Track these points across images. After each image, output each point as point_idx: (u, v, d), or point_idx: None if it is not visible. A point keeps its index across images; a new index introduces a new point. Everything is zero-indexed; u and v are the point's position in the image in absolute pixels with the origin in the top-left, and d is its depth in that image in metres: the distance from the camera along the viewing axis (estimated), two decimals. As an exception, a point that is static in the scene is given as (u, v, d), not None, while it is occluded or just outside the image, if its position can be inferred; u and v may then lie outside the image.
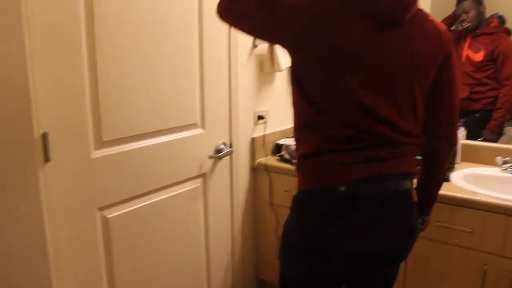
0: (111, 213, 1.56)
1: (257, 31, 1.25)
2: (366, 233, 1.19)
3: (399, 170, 1.21)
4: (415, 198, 1.29)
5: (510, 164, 2.01)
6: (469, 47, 2.39)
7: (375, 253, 1.26)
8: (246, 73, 2.09)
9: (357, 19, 1.11)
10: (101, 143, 1.49)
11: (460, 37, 2.44)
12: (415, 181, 1.34)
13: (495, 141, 2.32)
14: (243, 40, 2.04)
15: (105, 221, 1.54)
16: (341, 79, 1.13)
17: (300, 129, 1.25)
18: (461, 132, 2.24)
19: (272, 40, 1.35)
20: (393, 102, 1.17)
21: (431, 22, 1.22)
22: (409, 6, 1.14)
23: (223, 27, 1.89)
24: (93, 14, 1.39)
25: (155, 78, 1.64)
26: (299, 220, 1.25)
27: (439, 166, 1.38)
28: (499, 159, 2.05)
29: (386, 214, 1.20)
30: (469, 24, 2.39)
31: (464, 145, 2.23)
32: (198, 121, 1.87)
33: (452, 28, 2.48)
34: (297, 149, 1.29)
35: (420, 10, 1.21)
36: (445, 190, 1.77)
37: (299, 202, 1.26)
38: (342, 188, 1.16)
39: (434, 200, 1.45)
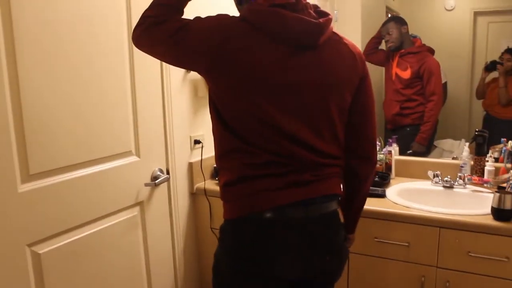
0: (43, 249, 1.47)
1: (170, 61, 1.25)
2: (294, 259, 1.18)
3: (324, 193, 1.20)
4: (342, 219, 1.30)
5: (440, 178, 2.09)
6: (397, 65, 2.52)
7: (305, 278, 1.24)
8: (180, 97, 2.06)
9: (270, 43, 1.12)
10: (28, 176, 1.41)
11: (389, 56, 2.57)
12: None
13: (425, 154, 2.44)
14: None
15: (36, 257, 1.45)
16: (256, 105, 1.13)
17: (221, 156, 1.23)
18: (394, 148, 2.31)
19: (186, 68, 1.34)
20: (312, 125, 1.18)
21: (346, 45, 1.24)
22: (322, 29, 1.16)
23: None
24: (14, 41, 1.33)
25: (85, 106, 1.58)
26: (227, 250, 1.23)
27: (361, 185, 1.38)
28: (430, 173, 2.12)
29: (313, 238, 1.19)
30: (392, 44, 2.54)
31: (398, 161, 2.30)
32: (133, 148, 1.81)
33: (380, 47, 2.62)
34: (219, 177, 1.27)
35: (335, 34, 1.23)
36: (381, 206, 1.82)
37: (225, 232, 1.24)
38: (267, 215, 1.15)
39: (357, 218, 1.45)
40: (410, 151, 2.43)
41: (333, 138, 1.23)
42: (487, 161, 2.10)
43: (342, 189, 1.32)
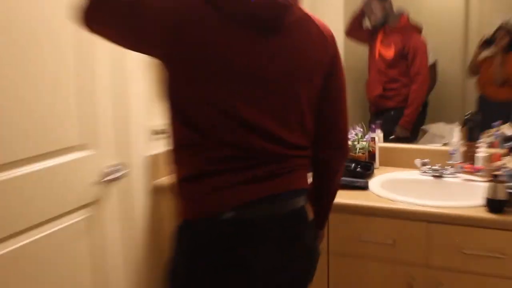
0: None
1: (123, 43, 1.15)
2: (262, 262, 1.10)
3: (290, 187, 1.14)
4: (311, 215, 1.23)
5: (429, 166, 1.98)
6: (381, 43, 2.42)
7: (275, 280, 1.16)
8: (137, 82, 1.88)
9: (231, 26, 1.05)
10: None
11: (373, 33, 2.43)
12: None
13: (411, 139, 2.35)
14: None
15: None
16: (215, 93, 1.06)
17: (176, 151, 1.14)
18: (378, 135, 2.21)
19: (141, 52, 1.21)
20: (278, 114, 1.11)
21: (317, 26, 1.17)
22: (286, 8, 1.08)
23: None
24: None
25: (27, 92, 1.42)
26: (185, 253, 1.12)
27: (332, 177, 1.33)
28: (418, 161, 2.03)
29: (281, 237, 1.12)
30: (375, 22, 2.42)
31: (382, 149, 2.20)
32: (79, 142, 1.62)
33: (364, 26, 2.48)
34: (174, 172, 1.16)
35: (305, 14, 1.16)
36: (363, 199, 1.73)
37: (182, 234, 1.14)
38: (229, 214, 1.06)
39: (328, 213, 1.40)
40: (393, 136, 2.33)
41: (301, 128, 1.17)
42: (479, 147, 1.98)
43: (309, 182, 1.27)
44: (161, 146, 1.99)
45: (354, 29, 2.48)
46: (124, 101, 1.81)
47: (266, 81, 1.09)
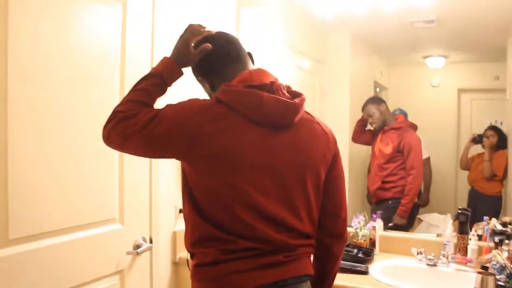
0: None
1: (143, 152, 1.27)
2: None
3: (296, 273, 1.19)
4: None
5: (424, 255, 2.07)
6: (381, 141, 2.61)
7: None
8: (167, 164, 2.07)
9: (245, 123, 1.15)
10: (7, 241, 1.38)
11: (374, 134, 2.67)
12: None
13: (407, 227, 2.49)
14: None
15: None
16: (234, 186, 1.14)
17: (194, 244, 1.23)
18: (379, 224, 2.31)
19: (162, 157, 1.36)
20: (291, 205, 1.19)
21: (318, 124, 1.28)
22: (297, 109, 1.20)
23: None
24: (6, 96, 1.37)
25: (72, 169, 1.59)
26: None
27: (334, 263, 1.38)
28: (414, 250, 2.11)
29: None
30: (375, 124, 2.68)
31: (382, 237, 2.29)
32: (116, 216, 1.81)
33: (367, 128, 2.74)
34: (192, 258, 1.26)
35: (306, 113, 1.27)
36: (363, 284, 1.80)
37: None
38: None
39: None
40: (391, 224, 2.46)
41: (309, 217, 1.24)
42: (470, 239, 2.09)
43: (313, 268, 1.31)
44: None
45: (358, 135, 2.73)
46: (155, 180, 1.99)
47: (278, 173, 1.17)
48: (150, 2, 1.95)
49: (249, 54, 1.35)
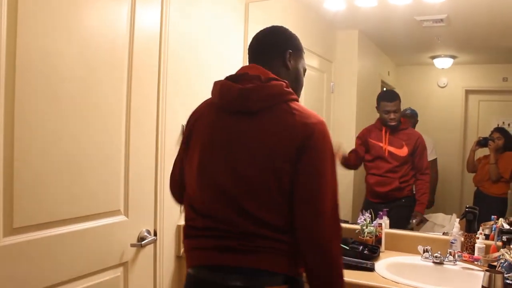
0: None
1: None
2: None
3: (249, 265, 1.17)
4: None
5: (430, 253, 2.07)
6: (390, 143, 2.58)
7: None
8: (173, 158, 2.06)
9: (217, 112, 1.30)
10: (11, 230, 1.39)
11: (378, 134, 2.63)
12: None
13: (407, 225, 2.48)
14: (171, 125, 2.06)
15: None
16: (201, 165, 1.28)
17: (185, 219, 1.39)
18: (385, 221, 2.31)
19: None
20: (253, 191, 1.20)
21: (293, 115, 1.20)
22: (246, 95, 1.22)
23: (150, 109, 1.94)
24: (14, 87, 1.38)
25: (78, 159, 1.60)
26: None
27: (312, 278, 1.20)
28: (420, 248, 2.10)
29: None
30: (395, 122, 2.60)
31: (388, 234, 2.29)
32: (121, 208, 1.81)
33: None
34: None
35: (287, 104, 1.23)
36: (369, 280, 1.80)
37: None
38: (189, 271, 1.29)
39: None
40: (414, 220, 2.50)
41: (275, 209, 1.19)
42: (478, 238, 2.08)
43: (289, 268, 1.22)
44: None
45: (354, 164, 2.73)
46: (161, 173, 1.99)
47: (238, 158, 1.22)
48: (158, -4, 1.95)
49: (284, 52, 1.35)
